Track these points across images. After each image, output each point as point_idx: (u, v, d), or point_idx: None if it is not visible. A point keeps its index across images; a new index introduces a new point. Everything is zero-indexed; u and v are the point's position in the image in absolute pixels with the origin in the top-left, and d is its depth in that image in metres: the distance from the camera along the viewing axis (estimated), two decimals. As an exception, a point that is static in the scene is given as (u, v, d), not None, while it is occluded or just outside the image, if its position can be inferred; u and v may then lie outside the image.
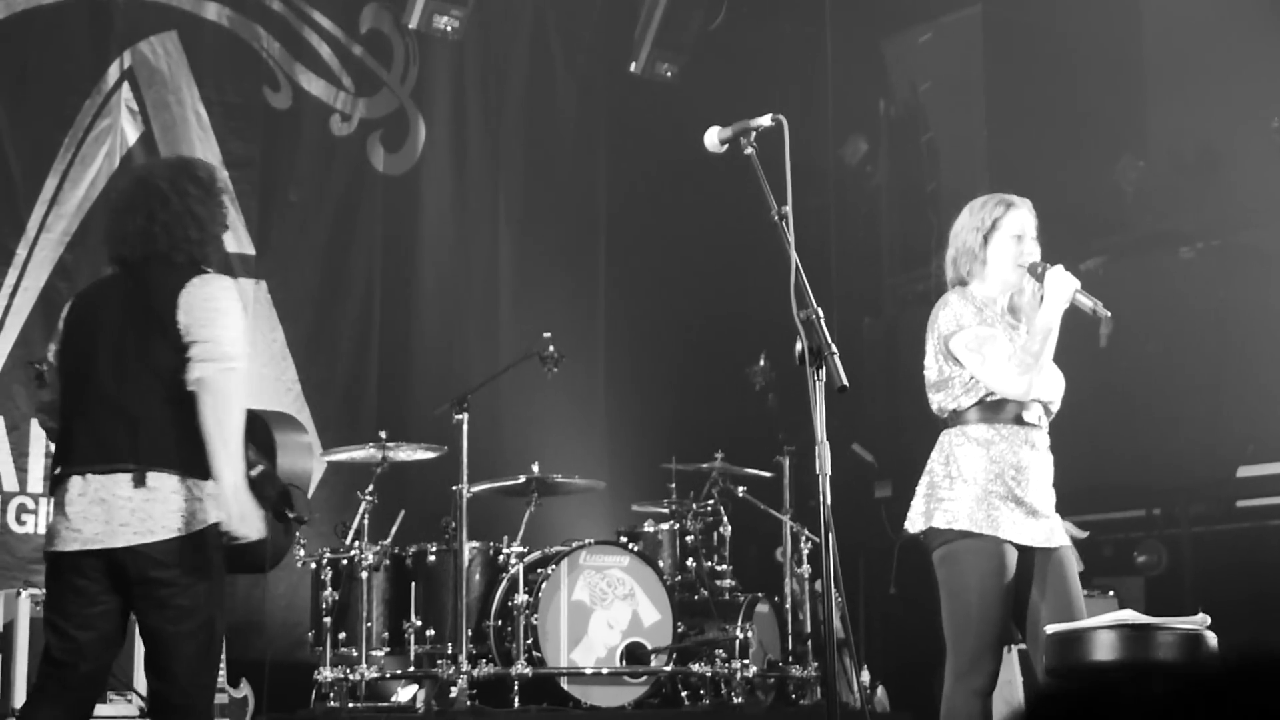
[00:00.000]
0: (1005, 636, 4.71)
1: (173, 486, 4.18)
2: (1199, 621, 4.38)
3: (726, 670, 7.61)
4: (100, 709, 6.93)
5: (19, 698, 6.75)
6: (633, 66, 10.26)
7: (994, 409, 4.79)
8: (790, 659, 8.07)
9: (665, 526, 8.15)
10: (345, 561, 7.43)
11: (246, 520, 4.20)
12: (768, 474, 8.43)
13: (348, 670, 7.18)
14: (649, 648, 7.52)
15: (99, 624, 4.28)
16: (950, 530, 4.72)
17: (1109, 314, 4.78)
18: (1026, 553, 4.75)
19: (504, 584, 7.48)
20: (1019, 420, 4.79)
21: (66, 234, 8.15)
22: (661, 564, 7.89)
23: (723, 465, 8.31)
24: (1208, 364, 8.19)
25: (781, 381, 9.09)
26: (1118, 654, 4.35)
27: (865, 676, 8.14)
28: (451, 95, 9.73)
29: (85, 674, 4.32)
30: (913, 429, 9.19)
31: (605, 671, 7.40)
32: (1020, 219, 4.86)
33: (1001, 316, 4.88)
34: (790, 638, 8.12)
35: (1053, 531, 4.80)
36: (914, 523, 4.86)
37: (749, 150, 4.37)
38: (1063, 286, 4.70)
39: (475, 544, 7.51)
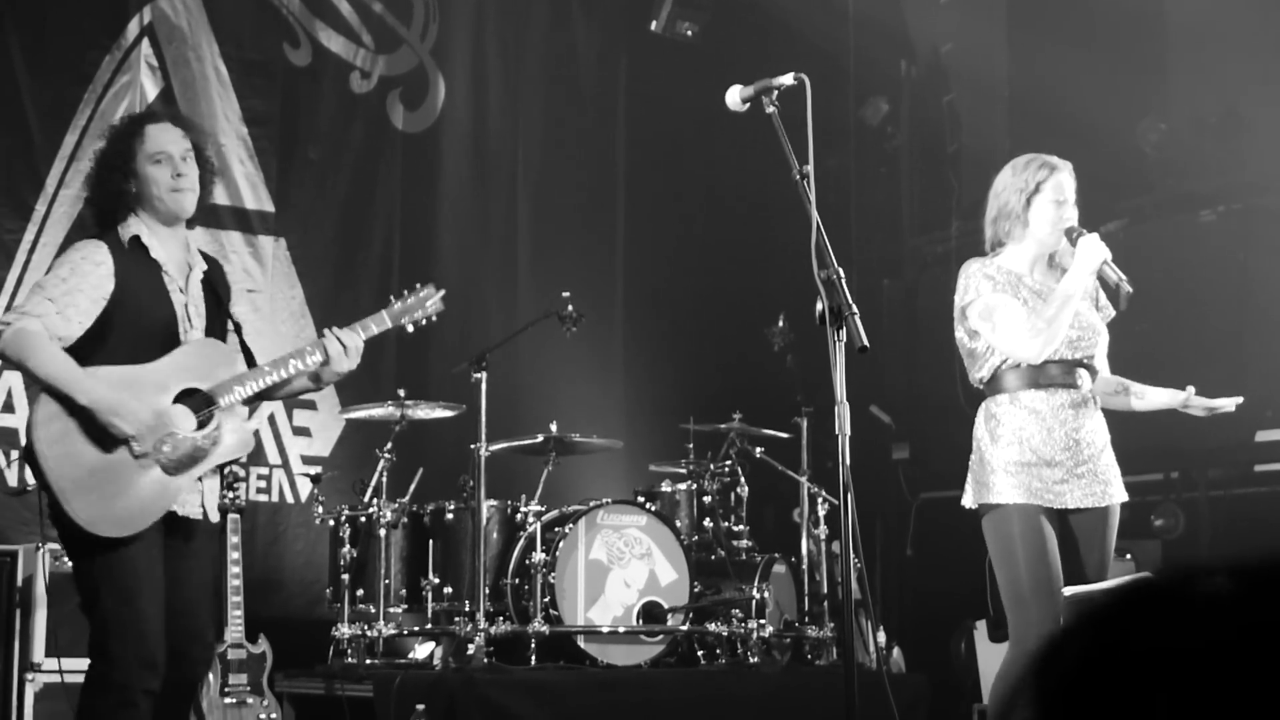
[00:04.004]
0: (1059, 599, 4.70)
1: None
2: (1217, 585, 4.38)
3: (743, 630, 7.63)
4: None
5: (39, 650, 6.80)
6: (653, 25, 10.21)
7: (1026, 375, 4.79)
8: (806, 619, 8.09)
9: (683, 486, 8.16)
10: (363, 519, 7.45)
11: None
12: (785, 435, 8.43)
13: (365, 627, 7.21)
14: (665, 607, 7.54)
15: None
16: (991, 503, 4.75)
17: (1131, 290, 4.78)
18: (1067, 515, 4.76)
19: (521, 542, 7.50)
20: (1052, 382, 4.79)
21: (85, 190, 8.14)
22: (679, 524, 7.90)
23: (740, 426, 8.31)
24: (1227, 328, 8.16)
25: (800, 342, 9.07)
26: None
27: (881, 637, 8.16)
28: (471, 53, 9.71)
29: None
30: (930, 392, 9.21)
31: (622, 630, 7.42)
32: (1062, 182, 4.88)
33: (1020, 283, 4.87)
34: (806, 598, 8.14)
35: (1089, 492, 4.80)
36: (966, 498, 4.90)
37: (771, 109, 4.37)
38: (1092, 255, 4.71)
39: (493, 502, 7.52)
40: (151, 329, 4.52)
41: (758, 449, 8.34)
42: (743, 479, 8.27)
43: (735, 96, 4.46)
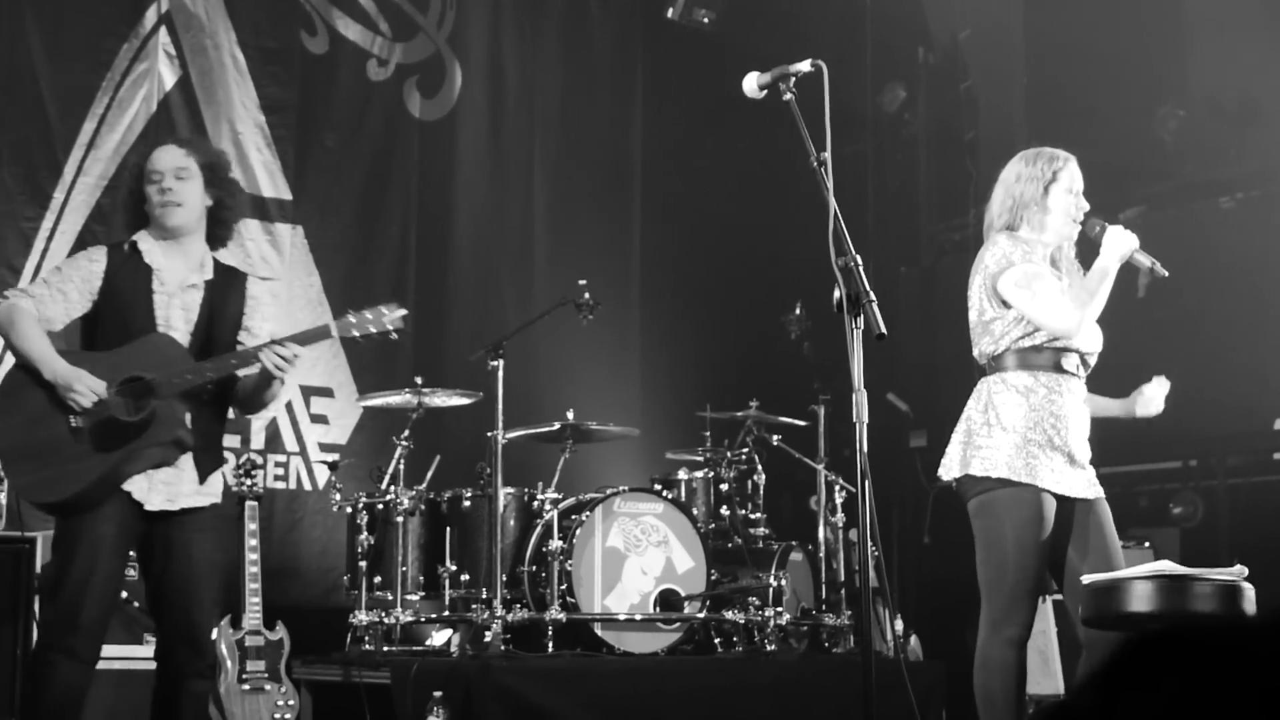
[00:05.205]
0: (1040, 587, 4.70)
1: None
2: (1236, 573, 4.37)
3: (760, 618, 7.62)
4: (136, 649, 7.00)
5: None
6: (669, 12, 10.19)
7: (1033, 356, 4.77)
8: (824, 607, 8.08)
9: (699, 474, 8.16)
10: (381, 506, 7.46)
11: None
12: (802, 422, 8.42)
13: (383, 614, 7.22)
14: (682, 594, 7.54)
15: None
16: (987, 478, 4.70)
17: (1166, 273, 4.79)
18: (1065, 502, 4.74)
19: (538, 530, 7.50)
20: (1058, 368, 4.77)
21: (103, 178, 8.16)
22: (695, 511, 7.89)
23: (757, 413, 8.30)
24: (1246, 315, 8.14)
25: (817, 330, 9.06)
26: (1155, 605, 4.35)
27: (899, 625, 8.15)
28: (487, 41, 9.71)
29: None
30: (948, 379, 9.18)
31: (639, 618, 7.42)
32: (1075, 173, 4.89)
33: (1044, 260, 4.87)
34: (824, 586, 8.13)
35: (1090, 482, 4.79)
36: (949, 469, 4.85)
37: (788, 96, 4.35)
38: (1122, 242, 4.73)
39: (510, 490, 7.52)
40: (131, 325, 4.89)
41: (775, 436, 8.33)
42: (760, 467, 8.26)
43: (752, 83, 4.44)
